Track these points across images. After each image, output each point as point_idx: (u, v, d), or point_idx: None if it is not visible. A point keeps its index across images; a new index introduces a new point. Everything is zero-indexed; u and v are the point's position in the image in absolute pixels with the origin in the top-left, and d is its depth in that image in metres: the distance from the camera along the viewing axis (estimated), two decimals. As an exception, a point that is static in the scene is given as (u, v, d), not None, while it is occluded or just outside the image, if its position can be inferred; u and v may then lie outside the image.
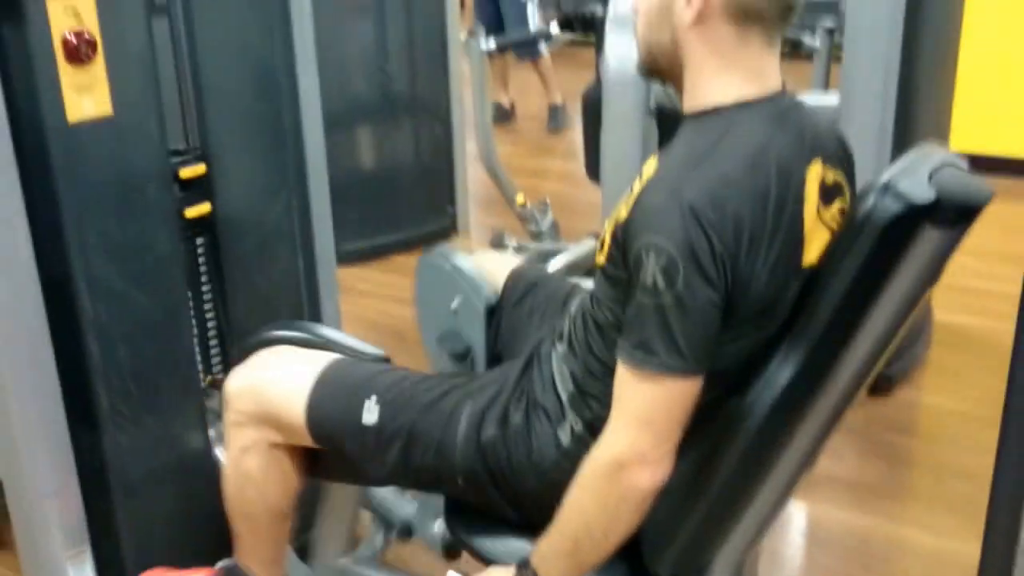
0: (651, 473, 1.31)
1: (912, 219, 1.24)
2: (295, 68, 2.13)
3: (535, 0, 5.43)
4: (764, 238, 1.28)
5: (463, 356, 1.84)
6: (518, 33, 5.05)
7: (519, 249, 3.81)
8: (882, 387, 3.07)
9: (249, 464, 1.72)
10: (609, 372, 1.37)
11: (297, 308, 2.25)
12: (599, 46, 3.09)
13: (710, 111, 1.37)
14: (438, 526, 1.93)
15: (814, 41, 3.48)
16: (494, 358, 1.84)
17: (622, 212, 1.35)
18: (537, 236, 4.03)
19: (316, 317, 2.31)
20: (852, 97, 2.76)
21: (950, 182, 1.26)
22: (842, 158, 1.45)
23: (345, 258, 4.27)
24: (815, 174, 1.36)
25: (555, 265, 3.73)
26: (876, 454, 2.85)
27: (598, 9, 3.10)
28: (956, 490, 2.65)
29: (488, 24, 5.22)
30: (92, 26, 1.70)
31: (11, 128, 1.66)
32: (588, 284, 1.88)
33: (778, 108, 1.37)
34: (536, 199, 4.12)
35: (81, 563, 1.90)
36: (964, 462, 2.76)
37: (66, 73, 1.68)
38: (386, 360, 1.75)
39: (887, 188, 1.24)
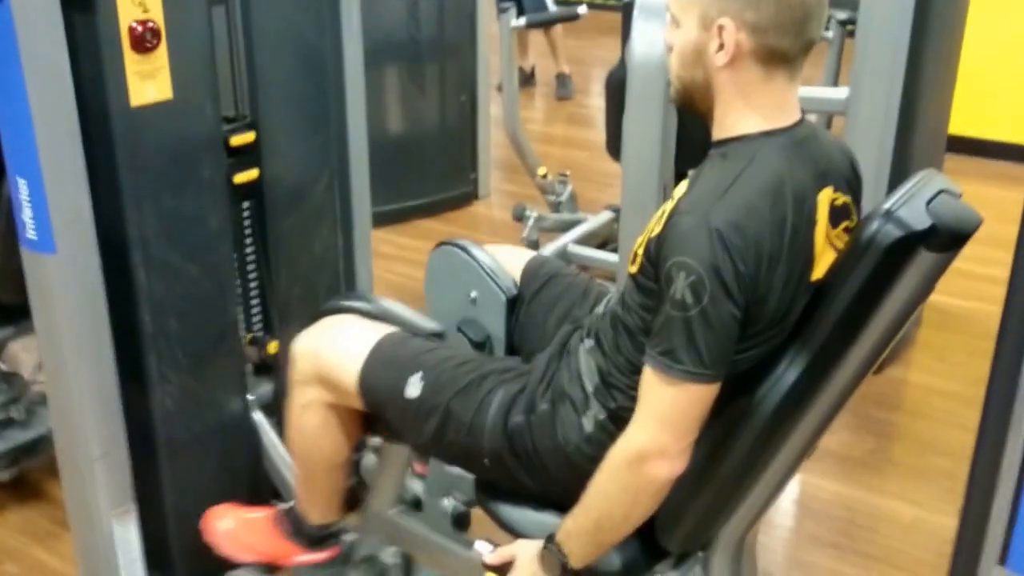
0: (670, 465, 1.44)
1: (910, 243, 1.37)
2: (342, 51, 2.22)
3: None
4: (780, 259, 1.41)
5: (481, 345, 1.94)
6: (540, 8, 5.10)
7: (539, 220, 3.88)
8: (874, 365, 3.19)
9: (307, 420, 1.86)
10: (635, 370, 1.50)
11: (334, 273, 2.36)
12: (626, 32, 3.14)
13: (736, 139, 1.48)
14: (446, 502, 2.03)
15: (827, 33, 3.50)
16: (512, 348, 1.94)
17: (654, 229, 1.47)
18: (556, 207, 4.11)
19: (351, 281, 2.42)
20: (860, 91, 2.85)
21: (945, 210, 1.39)
22: (851, 181, 1.56)
23: (369, 221, 4.40)
24: (826, 198, 1.48)
25: (573, 236, 3.82)
26: (865, 429, 2.98)
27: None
28: (937, 465, 2.80)
29: None
30: (157, 16, 1.78)
31: (78, 110, 1.75)
32: (603, 282, 2.00)
33: (795, 138, 1.48)
34: (554, 167, 4.19)
35: (126, 521, 2.02)
36: (946, 439, 2.91)
37: (131, 60, 1.77)
38: (439, 335, 1.86)
39: (889, 215, 1.37)
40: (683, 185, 1.49)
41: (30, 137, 1.70)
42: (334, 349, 1.81)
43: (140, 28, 1.76)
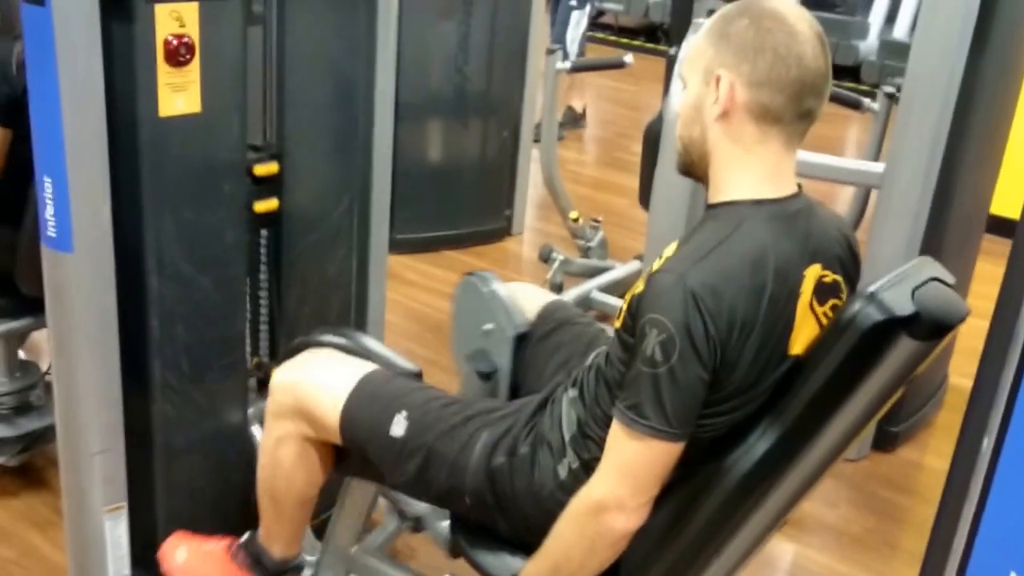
0: (627, 519, 1.47)
1: (891, 328, 1.37)
2: (374, 80, 2.26)
3: (585, 10, 5.64)
4: (755, 328, 1.42)
5: (488, 376, 1.96)
6: (570, 40, 5.23)
7: (565, 263, 3.91)
8: (886, 444, 3.17)
9: (282, 453, 1.86)
10: (610, 423, 1.51)
11: (346, 300, 2.39)
12: (667, 83, 3.18)
13: (727, 203, 1.51)
14: (446, 525, 2.05)
15: (873, 105, 3.50)
16: (515, 384, 1.96)
17: (639, 285, 1.49)
18: (585, 252, 4.13)
19: (362, 309, 2.44)
20: (897, 166, 2.85)
21: (931, 299, 1.40)
22: (844, 260, 1.57)
23: (398, 246, 4.41)
24: (813, 274, 1.50)
25: (597, 283, 3.84)
26: (869, 508, 2.95)
27: (671, 49, 3.19)
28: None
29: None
30: (193, 32, 1.84)
31: (108, 116, 1.80)
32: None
33: (787, 211, 1.50)
34: (592, 210, 4.21)
35: (118, 518, 2.05)
36: (952, 527, 2.84)
37: (164, 72, 1.82)
38: (418, 376, 1.88)
39: (872, 297, 1.38)
40: (672, 246, 1.52)
41: (58, 137, 1.75)
42: (316, 384, 1.82)
43: (175, 42, 1.81)
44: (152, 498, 2.11)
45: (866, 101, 3.71)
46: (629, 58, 3.70)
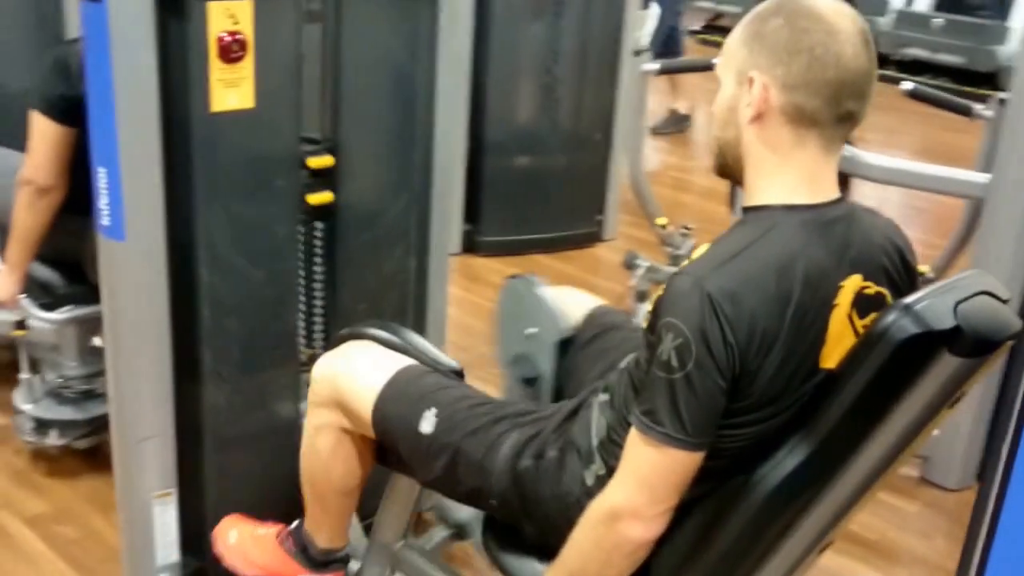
0: (643, 528, 1.42)
1: (928, 342, 1.29)
2: (435, 79, 2.26)
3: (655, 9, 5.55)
4: (779, 338, 1.36)
5: (532, 381, 1.94)
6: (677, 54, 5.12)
7: (651, 270, 3.85)
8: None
9: (320, 442, 1.88)
10: None
11: (403, 300, 2.39)
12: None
13: (759, 208, 1.45)
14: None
15: (987, 112, 3.34)
16: (558, 390, 1.93)
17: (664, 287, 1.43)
18: (674, 260, 4.05)
19: (421, 310, 2.44)
20: (1004, 176, 2.72)
21: (975, 313, 1.31)
22: (893, 273, 1.49)
23: (484, 248, 4.45)
24: (852, 285, 1.42)
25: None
26: (959, 539, 2.78)
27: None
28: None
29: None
30: (247, 29, 1.87)
31: (162, 110, 1.84)
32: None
33: (824, 218, 1.43)
34: (686, 217, 4.13)
35: (166, 504, 2.10)
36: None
37: (216, 68, 1.86)
38: (459, 374, 1.86)
39: (907, 309, 1.31)
40: (703, 248, 1.46)
41: (112, 130, 1.80)
42: (353, 375, 1.82)
43: (228, 38, 1.85)
44: (202, 486, 2.15)
45: (977, 107, 3.55)
46: (717, 60, 3.62)
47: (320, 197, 2.15)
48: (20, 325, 2.63)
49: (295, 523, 2.03)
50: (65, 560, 2.41)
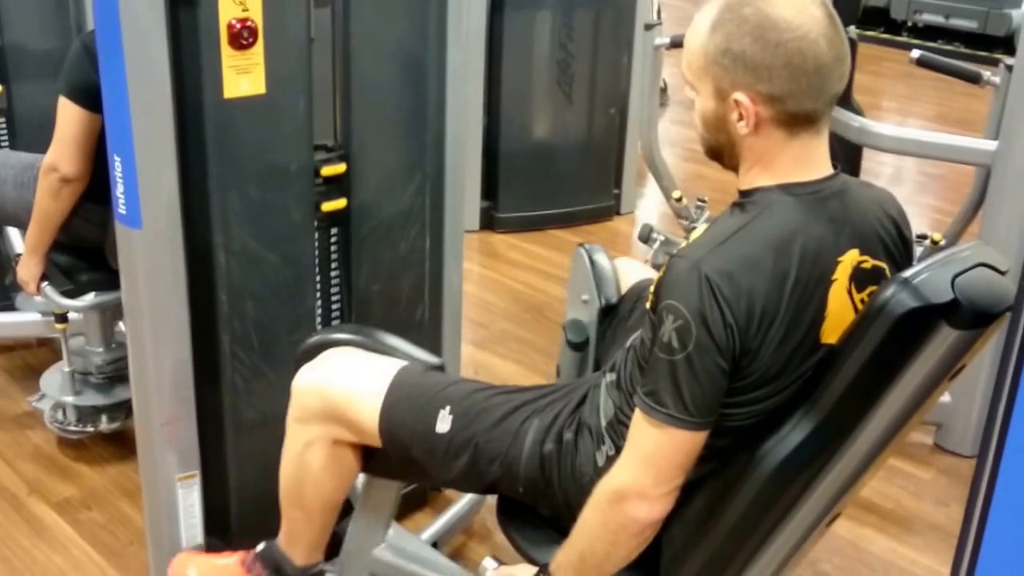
0: (649, 508, 1.43)
1: (927, 316, 1.31)
2: (446, 57, 2.26)
3: None
4: (779, 315, 1.38)
5: (581, 346, 1.95)
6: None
7: (666, 243, 3.85)
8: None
9: (310, 458, 1.82)
10: None
11: (419, 279, 2.40)
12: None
13: (755, 189, 1.46)
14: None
15: (994, 79, 3.31)
16: (598, 359, 1.95)
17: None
18: (691, 233, 4.05)
19: (437, 289, 2.45)
20: (1011, 144, 2.71)
21: (973, 286, 1.32)
22: (889, 245, 1.50)
23: (501, 224, 4.46)
24: (850, 260, 1.44)
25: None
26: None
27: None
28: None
29: None
30: (256, 15, 1.88)
31: (176, 98, 1.86)
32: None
33: (819, 194, 1.44)
34: (705, 189, 4.12)
35: (190, 486, 2.13)
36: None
37: (228, 55, 1.87)
38: (441, 368, 1.84)
39: (906, 283, 1.32)
40: (700, 228, 1.48)
41: (126, 118, 1.82)
42: (347, 385, 1.78)
43: (238, 25, 1.86)
44: (225, 468, 2.18)
45: (986, 74, 3.52)
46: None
47: (334, 204, 2.16)
48: (62, 319, 2.67)
49: (260, 546, 1.98)
50: (93, 544, 2.45)
